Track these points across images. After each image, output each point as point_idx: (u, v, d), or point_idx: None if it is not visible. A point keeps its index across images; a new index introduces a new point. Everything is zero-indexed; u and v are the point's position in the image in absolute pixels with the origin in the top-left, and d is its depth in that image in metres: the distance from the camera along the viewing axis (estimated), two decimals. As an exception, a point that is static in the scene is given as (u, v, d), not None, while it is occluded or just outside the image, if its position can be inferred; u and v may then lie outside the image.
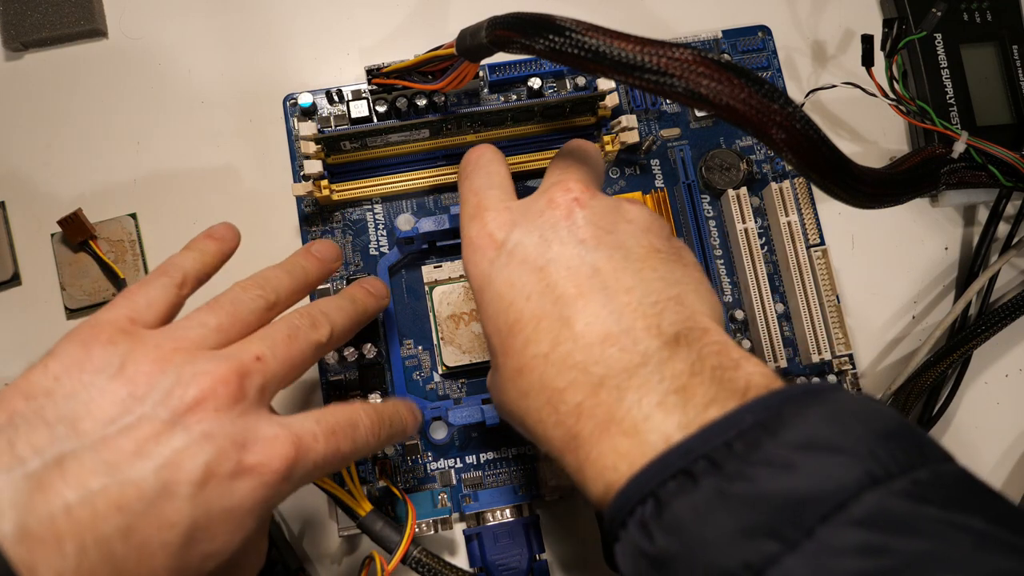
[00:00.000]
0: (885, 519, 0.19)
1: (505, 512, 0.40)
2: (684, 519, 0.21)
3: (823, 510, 0.19)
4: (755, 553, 0.20)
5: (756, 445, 0.21)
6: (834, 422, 0.21)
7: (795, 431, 0.21)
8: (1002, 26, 0.46)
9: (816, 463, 0.20)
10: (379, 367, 0.42)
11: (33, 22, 0.45)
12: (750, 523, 0.20)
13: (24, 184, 0.44)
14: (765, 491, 0.20)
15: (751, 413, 0.22)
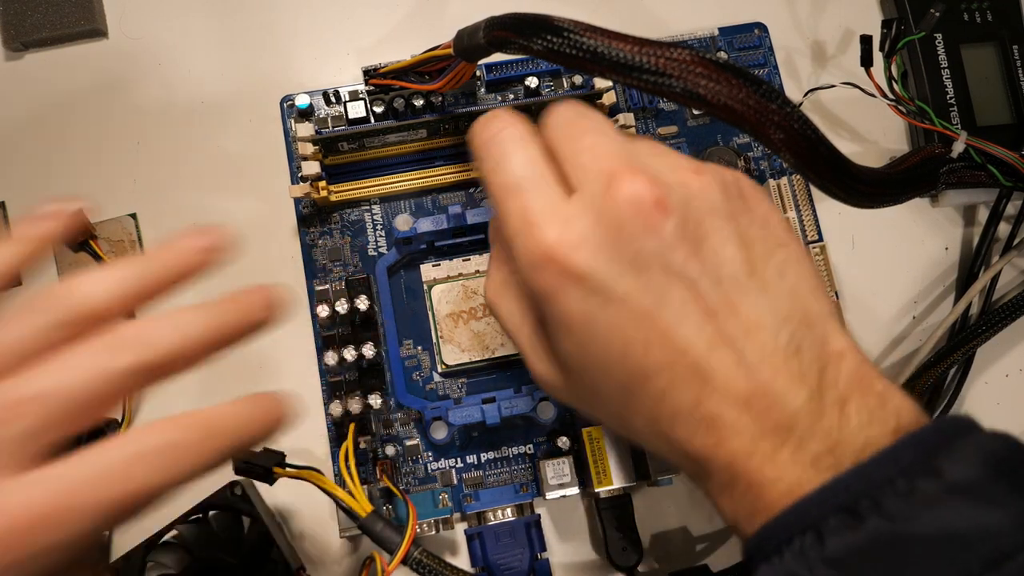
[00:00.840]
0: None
1: (506, 511, 0.40)
2: (848, 557, 0.21)
3: (990, 556, 0.19)
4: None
5: (917, 485, 0.21)
6: (986, 466, 0.21)
7: (953, 471, 0.21)
8: (1002, 26, 0.46)
9: (976, 511, 0.20)
10: (378, 368, 0.42)
11: (33, 22, 0.45)
12: (918, 567, 0.20)
13: (24, 184, 0.44)
14: (930, 533, 0.20)
15: (909, 449, 0.22)
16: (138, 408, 0.42)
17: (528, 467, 0.42)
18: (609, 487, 0.40)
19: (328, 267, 0.43)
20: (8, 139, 0.45)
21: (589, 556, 0.42)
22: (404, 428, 0.42)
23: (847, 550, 0.21)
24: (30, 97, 0.46)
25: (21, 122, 0.45)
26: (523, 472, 0.42)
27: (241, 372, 0.43)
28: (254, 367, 0.43)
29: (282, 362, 0.43)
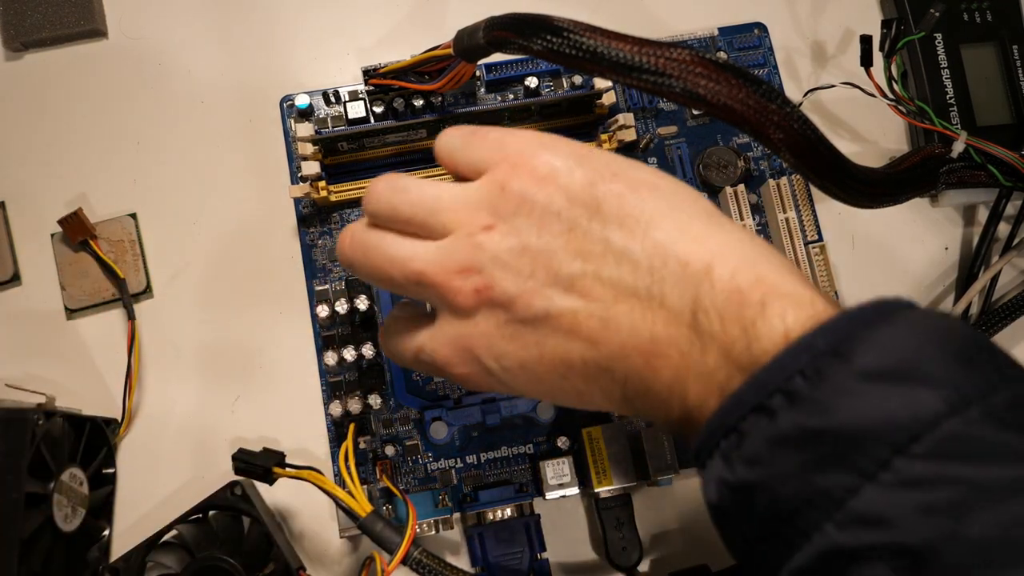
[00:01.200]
0: (962, 449, 0.19)
1: (506, 511, 0.40)
2: (762, 452, 0.21)
3: (900, 441, 0.19)
4: (833, 485, 0.20)
5: (828, 374, 0.21)
6: (907, 346, 0.21)
7: (868, 357, 0.21)
8: (1002, 26, 0.46)
9: (891, 392, 0.20)
10: (378, 368, 0.42)
11: (33, 22, 0.45)
12: (825, 455, 0.20)
13: (24, 184, 0.44)
14: (840, 423, 0.20)
15: (822, 338, 0.21)
16: (138, 406, 0.42)
17: (528, 467, 0.42)
18: (609, 487, 0.40)
19: (328, 267, 0.43)
20: (8, 139, 0.45)
21: (589, 556, 0.42)
22: (404, 428, 0.42)
23: (763, 445, 0.21)
24: (30, 97, 0.46)
25: (21, 122, 0.45)
26: (523, 472, 0.42)
27: (242, 372, 0.43)
28: (254, 367, 0.43)
29: (282, 362, 0.43)
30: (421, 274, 0.27)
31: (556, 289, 0.25)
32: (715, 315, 0.23)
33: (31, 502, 0.35)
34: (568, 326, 0.25)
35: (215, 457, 0.41)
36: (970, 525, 0.18)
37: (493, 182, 0.27)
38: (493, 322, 0.26)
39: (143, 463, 0.42)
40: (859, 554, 0.19)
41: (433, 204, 0.27)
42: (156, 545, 0.38)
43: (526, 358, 0.26)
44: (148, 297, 0.43)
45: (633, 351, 0.25)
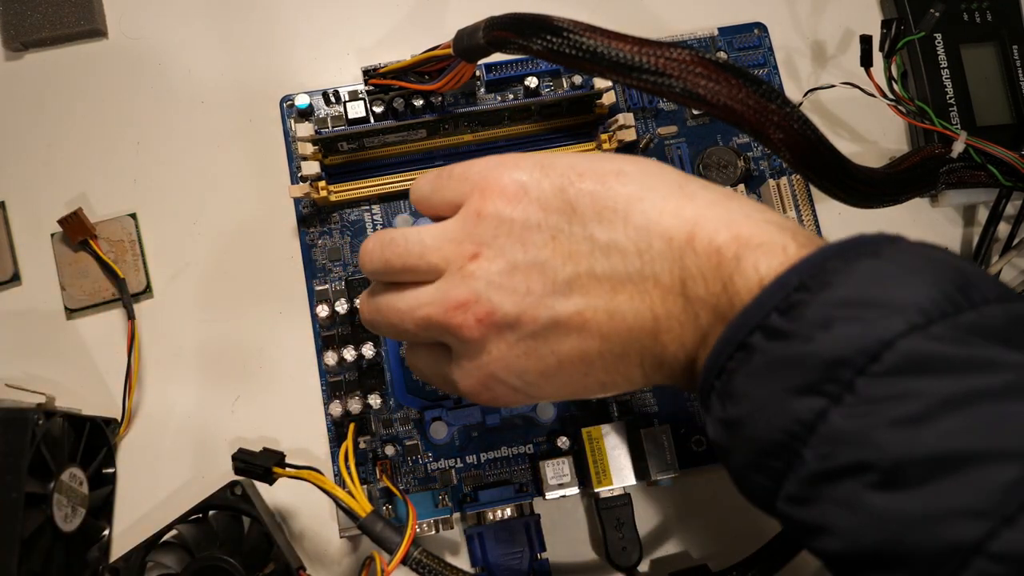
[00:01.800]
0: (922, 364, 0.20)
1: (506, 511, 0.40)
2: (743, 387, 0.22)
3: (861, 362, 0.20)
4: (805, 410, 0.21)
5: (801, 306, 0.22)
6: (881, 277, 0.22)
7: (841, 289, 0.21)
8: (1002, 26, 0.46)
9: (859, 319, 0.21)
10: (378, 368, 0.42)
11: (33, 22, 0.45)
12: (797, 383, 0.21)
13: (24, 184, 0.44)
14: (810, 351, 0.21)
15: (795, 275, 0.22)
16: (138, 406, 0.42)
17: (528, 467, 0.42)
18: (609, 487, 0.40)
19: (328, 267, 0.43)
20: (8, 139, 0.45)
21: (589, 556, 0.42)
22: (404, 428, 0.42)
23: (745, 380, 0.23)
24: (30, 97, 0.46)
25: (21, 122, 0.45)
26: (523, 472, 0.42)
27: (242, 372, 0.43)
28: (254, 367, 0.43)
29: (282, 362, 0.43)
30: (427, 319, 0.28)
31: (556, 297, 0.26)
32: (700, 279, 0.24)
33: (31, 502, 0.35)
34: (577, 327, 0.26)
35: (215, 457, 0.41)
36: (930, 436, 0.19)
37: (468, 212, 0.28)
38: (505, 345, 0.27)
39: (143, 463, 0.42)
40: (834, 475, 0.20)
41: (419, 248, 0.28)
42: (156, 545, 0.38)
43: (546, 368, 0.27)
44: (148, 297, 0.43)
45: (641, 332, 0.26)
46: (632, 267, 0.25)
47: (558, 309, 0.26)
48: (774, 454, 0.22)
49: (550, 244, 0.26)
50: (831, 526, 0.21)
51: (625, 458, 0.40)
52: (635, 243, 0.25)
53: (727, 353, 0.23)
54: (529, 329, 0.27)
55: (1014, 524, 0.18)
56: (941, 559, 0.19)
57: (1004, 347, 0.20)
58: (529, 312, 0.26)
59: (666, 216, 0.25)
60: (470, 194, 0.28)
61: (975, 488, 0.18)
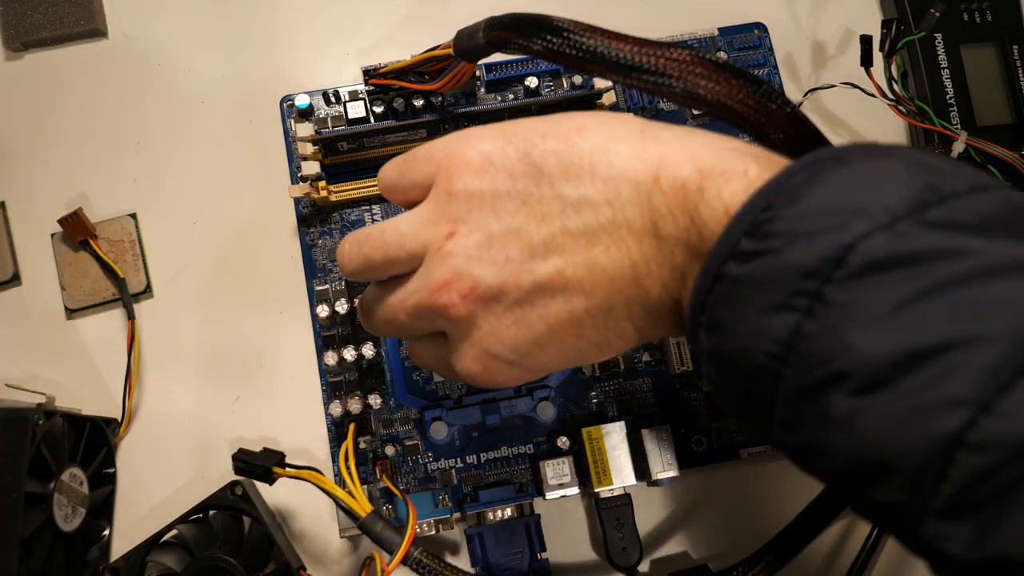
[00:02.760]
0: (883, 263, 0.19)
1: (506, 511, 0.40)
2: (723, 316, 0.22)
3: (826, 269, 0.20)
4: (779, 328, 0.21)
5: (769, 223, 0.21)
6: (847, 184, 0.21)
7: (806, 201, 0.21)
8: (1002, 26, 0.46)
9: (823, 227, 0.20)
10: (378, 368, 0.42)
11: (33, 22, 0.45)
12: (770, 301, 0.21)
13: (24, 184, 0.44)
14: (778, 266, 0.21)
15: (762, 196, 0.22)
16: (138, 406, 0.42)
17: (528, 467, 0.42)
18: (609, 487, 0.40)
19: (328, 267, 0.43)
20: (8, 139, 0.45)
21: (589, 556, 0.42)
22: (404, 428, 0.42)
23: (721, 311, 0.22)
24: (30, 97, 0.46)
25: (21, 122, 0.45)
26: (523, 472, 0.42)
27: (242, 372, 0.43)
28: (254, 367, 0.43)
29: (282, 362, 0.43)
30: (417, 307, 0.28)
31: (535, 260, 0.26)
32: (670, 217, 0.24)
33: (31, 502, 0.35)
34: (560, 286, 0.26)
35: (215, 457, 0.41)
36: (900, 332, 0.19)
37: (439, 192, 0.28)
38: (493, 317, 0.27)
39: (143, 463, 0.42)
40: (814, 390, 0.20)
41: (396, 238, 0.28)
42: (156, 545, 0.38)
43: (537, 336, 0.27)
44: (148, 297, 0.43)
45: (622, 282, 0.26)
46: (604, 218, 0.25)
47: (539, 272, 0.26)
48: (759, 379, 0.21)
49: (522, 209, 0.26)
50: (821, 444, 0.21)
51: (625, 458, 0.40)
52: (604, 194, 0.25)
53: (705, 287, 0.23)
54: (514, 297, 0.26)
55: (992, 410, 0.17)
56: (927, 457, 0.18)
57: (971, 235, 0.19)
58: (511, 280, 0.26)
59: (631, 162, 0.25)
60: (437, 173, 0.28)
61: (950, 377, 0.18)
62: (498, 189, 0.27)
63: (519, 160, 0.26)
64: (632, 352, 0.43)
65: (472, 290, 0.27)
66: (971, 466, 0.18)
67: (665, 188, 0.24)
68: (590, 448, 0.40)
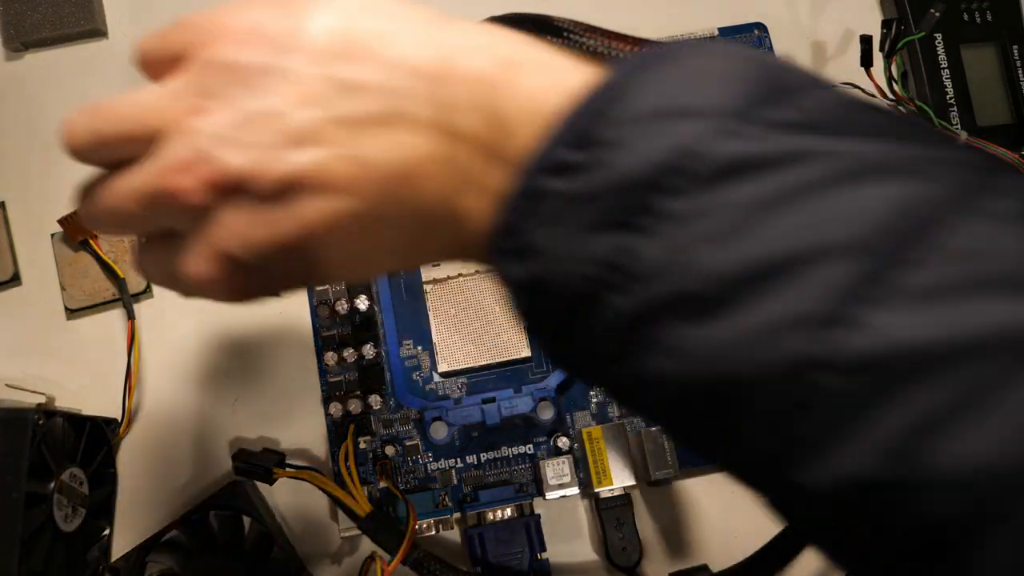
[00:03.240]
0: (727, 170, 0.17)
1: (506, 511, 0.40)
2: (537, 240, 0.19)
3: (660, 179, 0.18)
4: (605, 248, 0.18)
5: (592, 129, 0.19)
6: (680, 83, 0.19)
7: (634, 102, 0.19)
8: (1002, 26, 0.46)
9: (655, 132, 0.18)
10: (378, 368, 0.42)
11: (33, 22, 0.45)
12: (594, 218, 0.18)
13: (24, 184, 0.44)
14: (603, 178, 0.18)
15: (584, 98, 0.19)
16: (138, 406, 0.42)
17: (528, 467, 0.42)
18: (609, 487, 0.40)
19: (328, 267, 0.43)
20: (8, 139, 0.45)
21: (589, 556, 0.42)
22: (404, 428, 0.42)
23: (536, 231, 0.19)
24: (30, 97, 0.46)
25: (21, 122, 0.45)
26: (523, 472, 0.42)
27: (242, 372, 0.43)
28: (254, 367, 0.43)
29: (282, 362, 0.43)
30: (147, 191, 0.23)
31: (291, 148, 0.22)
32: (464, 111, 0.21)
33: (31, 502, 0.35)
34: (317, 182, 0.22)
35: (215, 457, 0.41)
36: (748, 246, 0.17)
37: (196, 62, 0.23)
38: (236, 211, 0.23)
39: (143, 463, 0.42)
40: (649, 316, 0.18)
41: (135, 111, 0.24)
42: (156, 545, 0.38)
43: (286, 239, 0.23)
44: (148, 297, 0.43)
45: (396, 183, 0.22)
46: (379, 106, 0.22)
47: (293, 161, 0.22)
48: (579, 310, 0.19)
49: (285, 88, 0.22)
50: (654, 375, 0.18)
51: (625, 458, 0.40)
52: (382, 81, 0.22)
53: (515, 206, 0.20)
54: (263, 189, 0.22)
55: (847, 324, 0.16)
56: (776, 384, 0.17)
57: (817, 135, 0.18)
58: (260, 168, 0.22)
59: (419, 47, 0.22)
60: (196, 41, 0.24)
61: (801, 291, 0.17)
62: (261, 62, 0.22)
63: (290, 34, 0.23)
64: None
65: (213, 175, 0.22)
66: (827, 387, 0.16)
67: (459, 80, 0.21)
68: (590, 448, 0.40)
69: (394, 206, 0.22)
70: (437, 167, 0.21)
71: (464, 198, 0.22)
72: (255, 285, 0.25)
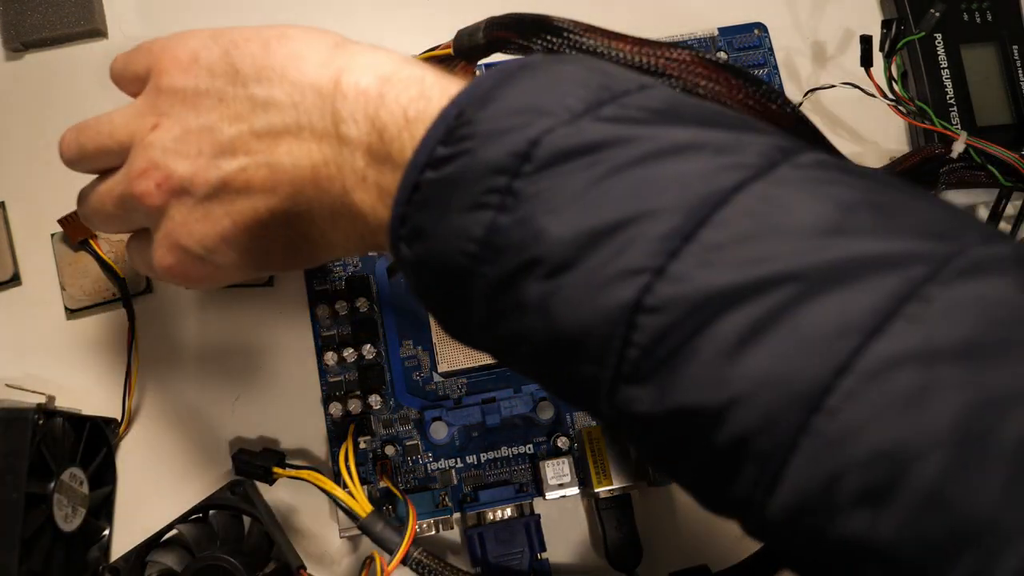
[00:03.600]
0: (566, 154, 0.21)
1: (506, 511, 0.40)
2: (422, 223, 0.23)
3: (514, 165, 0.21)
4: (474, 226, 0.21)
5: (462, 128, 0.22)
6: (534, 87, 0.22)
7: (496, 104, 0.22)
8: (1002, 26, 0.46)
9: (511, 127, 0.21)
10: (378, 368, 0.42)
11: (33, 22, 0.45)
12: (465, 201, 0.22)
13: (24, 184, 0.44)
14: (470, 166, 0.22)
15: (455, 105, 0.23)
16: (138, 406, 0.42)
17: (528, 467, 0.42)
18: (609, 487, 0.40)
19: (328, 267, 0.43)
20: (8, 139, 0.45)
21: (589, 556, 0.42)
22: (404, 428, 0.42)
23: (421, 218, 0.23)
24: (30, 97, 0.46)
25: (21, 122, 0.45)
26: (523, 472, 0.42)
27: (242, 372, 0.43)
28: (253, 367, 0.43)
29: (282, 362, 0.43)
30: (120, 195, 0.29)
31: (223, 157, 0.27)
32: (352, 122, 0.25)
33: (31, 502, 0.35)
34: (243, 185, 0.27)
35: (215, 457, 0.41)
36: (581, 214, 0.20)
37: (151, 86, 0.29)
38: (185, 208, 0.28)
39: (143, 463, 0.42)
40: (509, 282, 0.21)
41: (109, 129, 0.30)
42: (156, 545, 0.38)
43: (223, 231, 0.28)
44: (148, 297, 0.43)
45: (303, 182, 0.26)
46: (288, 119, 0.26)
47: (224, 168, 0.27)
48: (460, 279, 0.22)
49: (218, 107, 0.27)
50: (520, 333, 0.22)
51: (625, 458, 0.40)
52: (290, 96, 0.27)
53: (404, 198, 0.23)
54: (202, 191, 0.27)
55: (665, 274, 0.19)
56: (611, 326, 0.20)
57: (639, 125, 0.21)
58: (200, 174, 0.27)
59: (318, 68, 0.27)
60: (153, 68, 0.29)
61: (626, 250, 0.20)
62: (199, 87, 0.28)
63: (220, 60, 0.28)
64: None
65: (165, 180, 0.28)
66: (650, 328, 0.19)
67: (347, 94, 0.26)
68: (590, 448, 0.40)
69: (304, 202, 0.27)
70: (331, 168, 0.26)
71: (359, 193, 0.26)
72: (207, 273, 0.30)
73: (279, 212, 0.27)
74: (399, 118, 0.24)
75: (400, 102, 0.24)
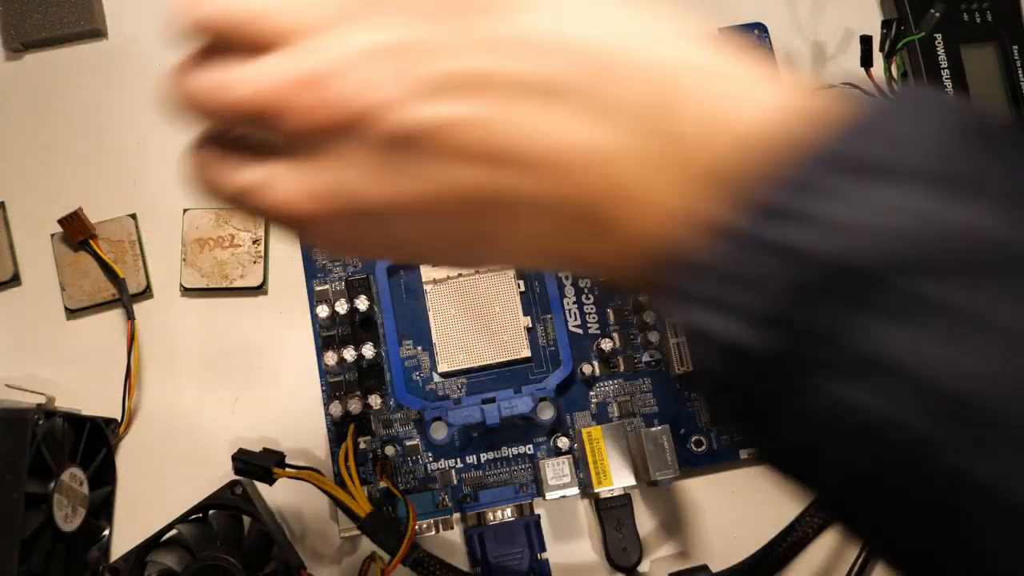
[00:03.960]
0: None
1: (506, 511, 0.40)
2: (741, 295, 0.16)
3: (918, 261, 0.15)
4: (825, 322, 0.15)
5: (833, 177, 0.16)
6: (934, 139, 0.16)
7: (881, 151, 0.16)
8: (1002, 26, 0.46)
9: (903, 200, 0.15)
10: (378, 368, 0.42)
11: (33, 22, 0.45)
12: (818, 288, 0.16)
13: (24, 184, 0.44)
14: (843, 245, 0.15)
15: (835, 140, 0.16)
16: (138, 406, 0.42)
17: (528, 467, 0.42)
18: (609, 487, 0.40)
19: (328, 267, 0.43)
20: (8, 139, 0.45)
21: (589, 556, 0.42)
22: (404, 428, 0.42)
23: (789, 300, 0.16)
24: (30, 97, 0.46)
25: (21, 122, 0.45)
26: (523, 472, 0.42)
27: (242, 372, 0.43)
28: (254, 367, 0.43)
29: (282, 362, 0.43)
30: (254, 96, 0.19)
31: (438, 93, 0.18)
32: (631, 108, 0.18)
33: (31, 502, 0.35)
34: (458, 142, 0.18)
35: (215, 457, 0.41)
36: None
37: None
38: (358, 150, 0.19)
39: (143, 463, 0.42)
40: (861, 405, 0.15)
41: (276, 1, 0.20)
42: (156, 545, 0.38)
43: (408, 196, 0.19)
44: (148, 297, 0.43)
45: (550, 169, 0.18)
46: (545, 76, 0.18)
47: (439, 109, 0.18)
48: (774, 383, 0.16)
49: (450, 23, 0.18)
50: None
51: (625, 458, 0.40)
52: (575, 52, 0.18)
53: (724, 246, 0.17)
54: (392, 129, 0.18)
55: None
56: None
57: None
58: (395, 106, 0.18)
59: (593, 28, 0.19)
60: None
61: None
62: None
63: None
64: (632, 353, 0.43)
65: (341, 100, 0.18)
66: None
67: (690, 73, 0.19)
68: (590, 448, 0.40)
69: (540, 194, 0.18)
70: (611, 167, 0.18)
71: (642, 210, 0.18)
72: (357, 240, 0.21)
73: (501, 195, 0.19)
74: (699, 120, 0.18)
75: (703, 97, 0.19)
